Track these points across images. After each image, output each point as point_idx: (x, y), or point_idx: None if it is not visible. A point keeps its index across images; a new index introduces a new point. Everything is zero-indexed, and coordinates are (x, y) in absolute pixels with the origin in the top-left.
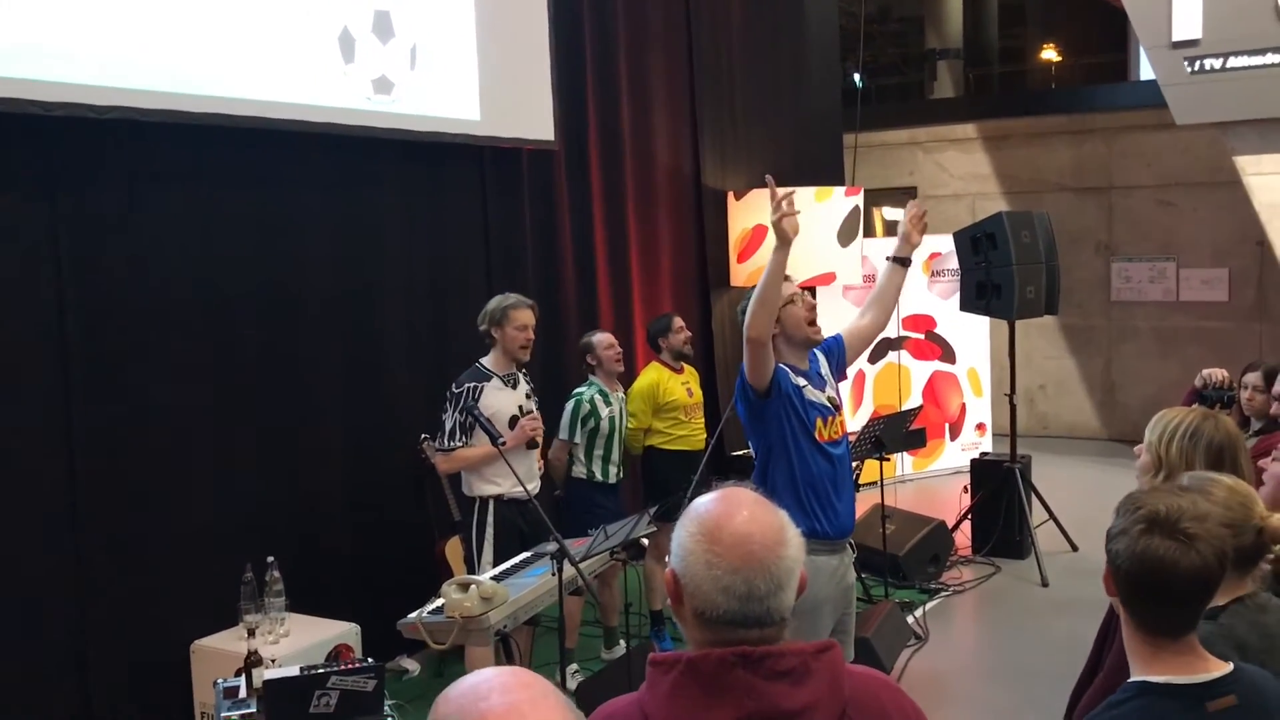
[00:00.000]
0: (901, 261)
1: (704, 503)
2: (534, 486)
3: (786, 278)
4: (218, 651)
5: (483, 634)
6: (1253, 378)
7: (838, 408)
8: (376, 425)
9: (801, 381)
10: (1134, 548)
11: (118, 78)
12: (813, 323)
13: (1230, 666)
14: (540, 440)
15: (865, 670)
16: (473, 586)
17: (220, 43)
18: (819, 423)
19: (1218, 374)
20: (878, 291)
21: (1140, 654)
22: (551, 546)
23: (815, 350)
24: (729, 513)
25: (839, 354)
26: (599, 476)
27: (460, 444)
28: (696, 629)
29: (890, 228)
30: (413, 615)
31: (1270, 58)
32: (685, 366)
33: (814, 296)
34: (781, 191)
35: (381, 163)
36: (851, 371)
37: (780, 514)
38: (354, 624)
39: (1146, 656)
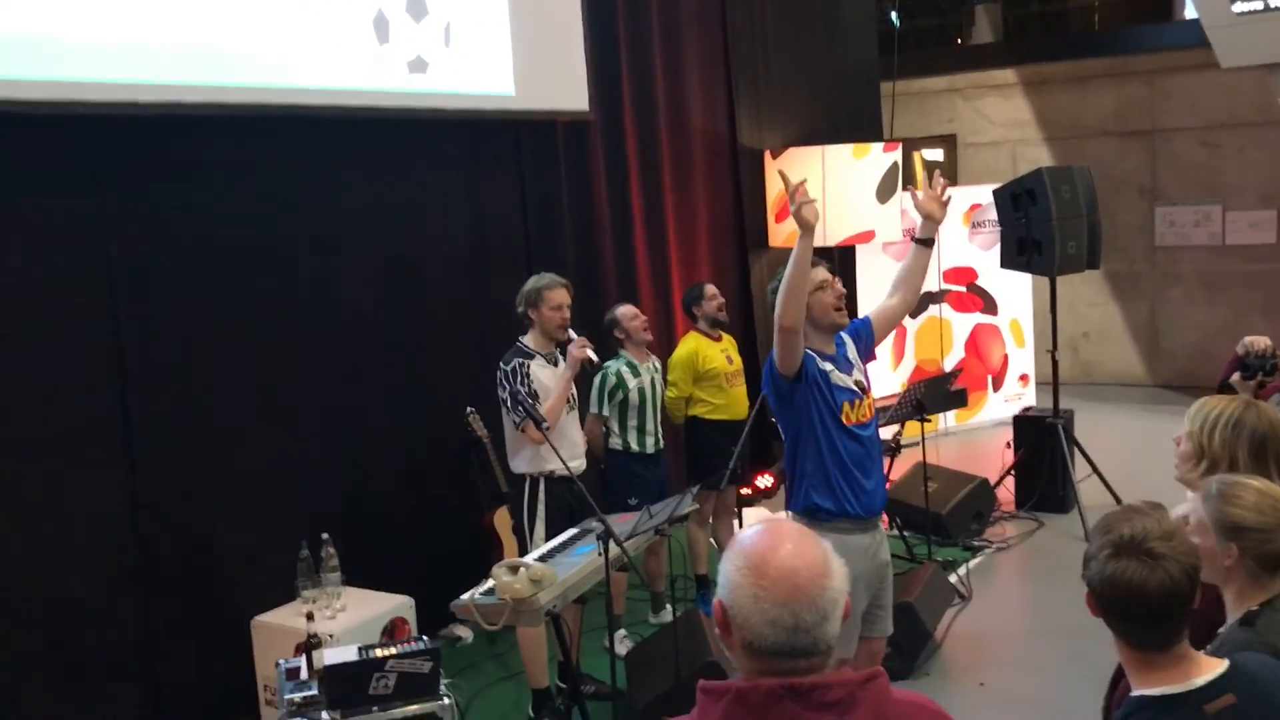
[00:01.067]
0: (925, 243)
1: (749, 537)
2: (578, 465)
3: (814, 263)
4: (278, 627)
5: (533, 615)
6: None
7: (865, 391)
8: (422, 400)
9: (829, 366)
10: (1104, 571)
11: (159, 73)
12: (840, 309)
13: (1226, 664)
14: (594, 357)
15: (911, 697)
16: (522, 569)
17: (255, 30)
18: (846, 406)
19: (1260, 342)
20: (904, 272)
21: (1134, 668)
22: (596, 524)
23: (842, 334)
24: (773, 547)
25: (867, 337)
26: (635, 447)
27: (522, 414)
28: (745, 658)
29: (930, 169)
30: (465, 597)
31: None
32: (723, 334)
33: (853, 259)
34: (794, 181)
35: (419, 141)
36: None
37: (823, 546)
38: (408, 597)
39: (1140, 669)
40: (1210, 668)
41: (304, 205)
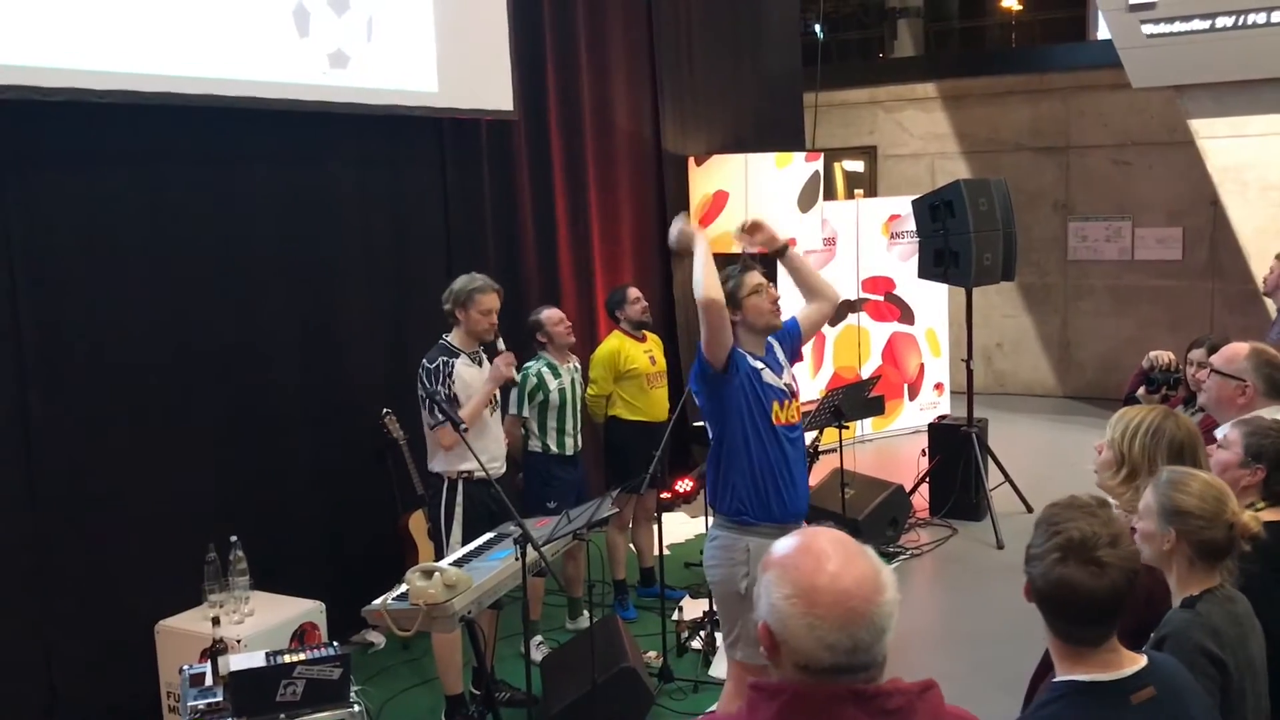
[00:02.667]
0: (780, 254)
1: (789, 557)
2: (498, 468)
3: (750, 267)
4: (183, 632)
5: (447, 621)
6: (1198, 354)
7: (794, 394)
8: (337, 400)
9: (760, 365)
10: (1050, 574)
11: (66, 58)
12: (775, 311)
13: (1145, 660)
14: (516, 378)
15: (959, 711)
16: (436, 574)
17: (173, 19)
18: (775, 406)
19: (1164, 356)
20: (799, 285)
21: (1064, 656)
22: (514, 528)
23: (770, 338)
24: (819, 568)
25: (794, 338)
26: (554, 449)
27: (443, 416)
28: (797, 674)
29: (850, 179)
30: (377, 602)
31: (1225, 20)
32: (648, 335)
33: (776, 268)
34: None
35: (339, 137)
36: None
37: (869, 556)
38: (319, 601)
39: (1070, 658)
40: (1132, 661)
41: (216, 198)
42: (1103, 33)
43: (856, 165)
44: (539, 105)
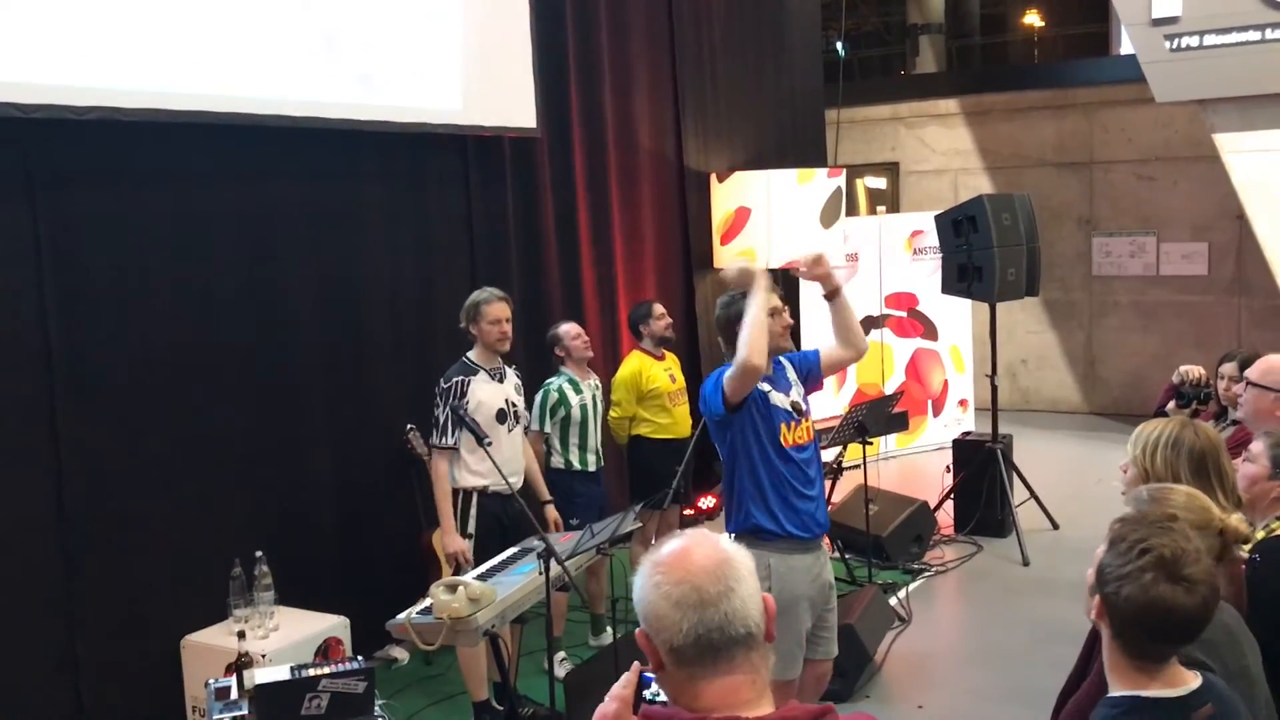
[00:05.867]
0: (831, 296)
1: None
2: (517, 481)
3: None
4: (208, 647)
5: (471, 634)
6: (1229, 368)
7: (803, 413)
8: (362, 417)
9: (766, 387)
10: (1144, 595)
11: (98, 78)
12: (785, 335)
13: (1201, 678)
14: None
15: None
16: (460, 587)
17: (201, 38)
18: (783, 429)
19: (1194, 371)
20: (835, 330)
21: (1127, 672)
22: (538, 543)
23: (780, 357)
24: (668, 546)
25: (813, 367)
26: (577, 465)
27: (452, 440)
28: (677, 670)
29: (873, 196)
30: (402, 616)
31: (1250, 34)
32: (666, 353)
33: (789, 296)
34: (729, 271)
35: (364, 155)
36: None
37: (716, 535)
38: (343, 617)
39: (1132, 675)
40: (1190, 678)
41: (244, 215)
42: (1126, 48)
43: (879, 182)
44: (562, 122)
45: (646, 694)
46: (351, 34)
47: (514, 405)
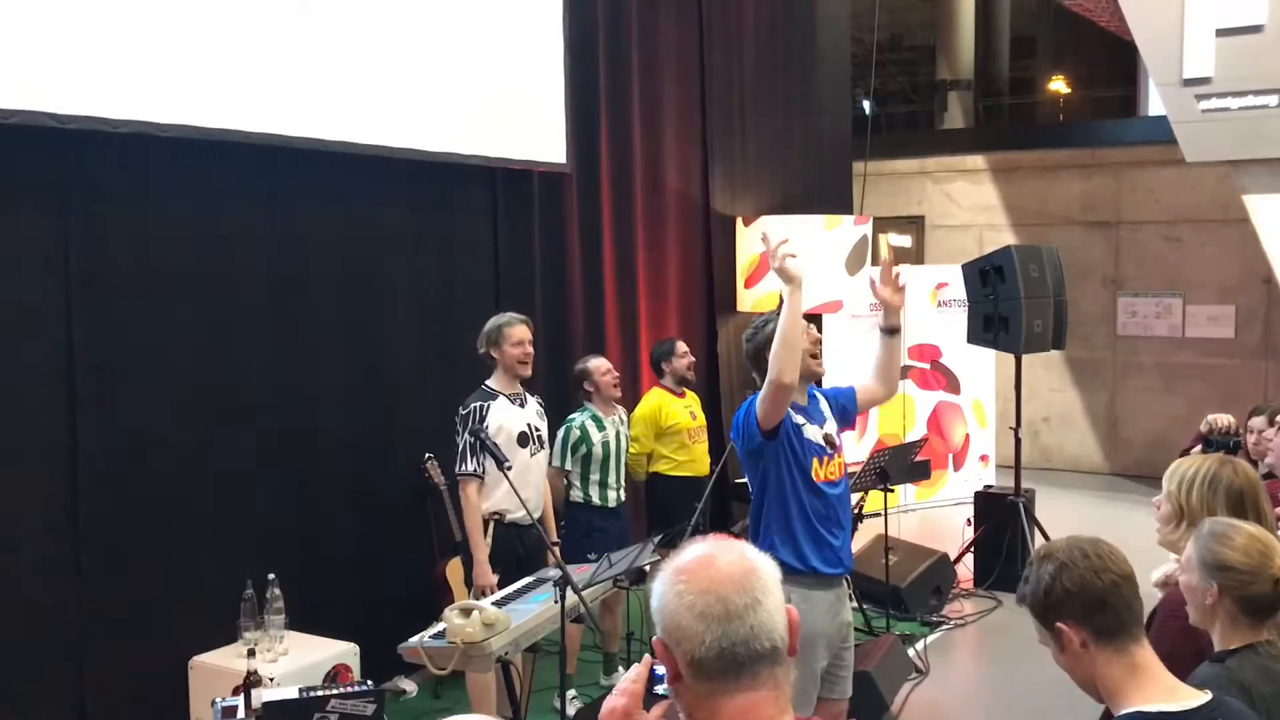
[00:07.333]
0: (891, 331)
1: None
2: (537, 510)
3: None
4: (216, 668)
5: (484, 660)
6: (1258, 421)
7: (835, 448)
8: (381, 444)
9: (800, 420)
10: (1060, 578)
11: (132, 93)
12: (816, 356)
13: (1210, 695)
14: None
15: None
16: (475, 612)
17: (236, 60)
18: (815, 463)
19: (1223, 420)
20: (877, 365)
21: (1122, 686)
22: (554, 572)
23: (817, 390)
24: (691, 552)
25: (849, 400)
26: (596, 501)
27: (473, 466)
28: (697, 683)
29: (897, 255)
30: (414, 639)
31: None
32: (687, 391)
33: (819, 328)
34: (774, 242)
35: (393, 183)
36: None
37: (741, 542)
38: (353, 644)
39: (1128, 687)
40: (1197, 695)
41: (270, 237)
42: (1154, 109)
43: (903, 240)
44: (591, 159)
45: (658, 689)
46: (385, 63)
47: (536, 430)
